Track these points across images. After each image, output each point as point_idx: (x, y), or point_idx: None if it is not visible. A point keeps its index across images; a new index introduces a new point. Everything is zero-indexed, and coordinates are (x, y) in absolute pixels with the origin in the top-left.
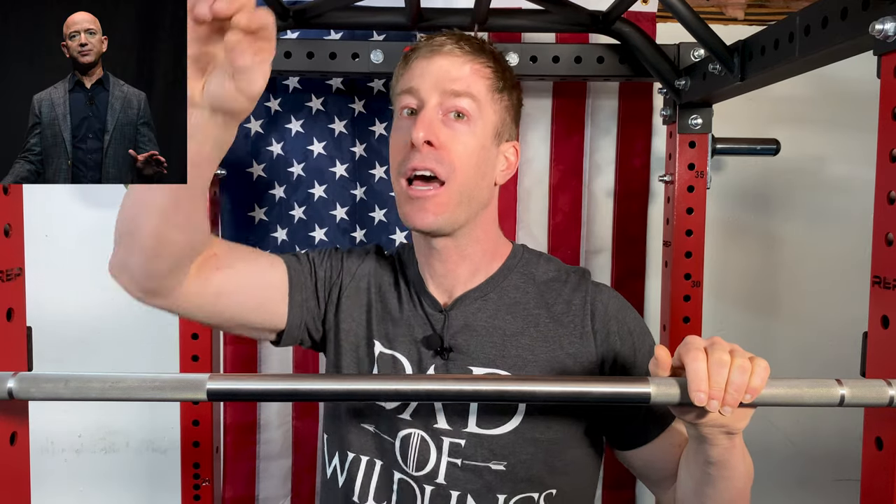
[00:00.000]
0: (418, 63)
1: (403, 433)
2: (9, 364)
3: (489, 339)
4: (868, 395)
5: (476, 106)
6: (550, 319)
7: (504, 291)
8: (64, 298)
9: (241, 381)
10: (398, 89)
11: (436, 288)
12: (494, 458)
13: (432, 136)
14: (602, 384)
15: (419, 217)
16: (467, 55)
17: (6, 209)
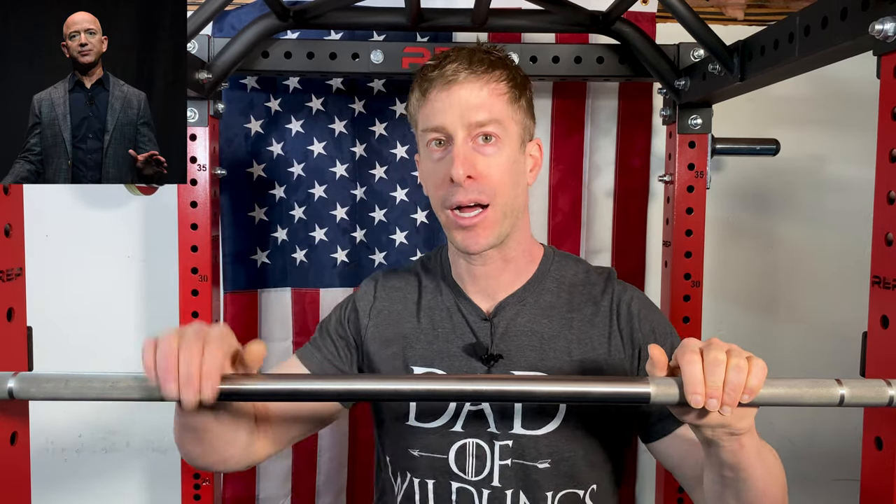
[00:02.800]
0: (437, 97)
1: (458, 445)
2: (9, 364)
3: (528, 343)
4: (868, 394)
5: (501, 127)
6: (582, 321)
7: (540, 295)
8: (64, 298)
9: (241, 381)
10: (422, 126)
11: (477, 293)
12: (540, 456)
13: (471, 170)
14: (602, 384)
15: (473, 242)
16: (482, 77)
17: (6, 209)
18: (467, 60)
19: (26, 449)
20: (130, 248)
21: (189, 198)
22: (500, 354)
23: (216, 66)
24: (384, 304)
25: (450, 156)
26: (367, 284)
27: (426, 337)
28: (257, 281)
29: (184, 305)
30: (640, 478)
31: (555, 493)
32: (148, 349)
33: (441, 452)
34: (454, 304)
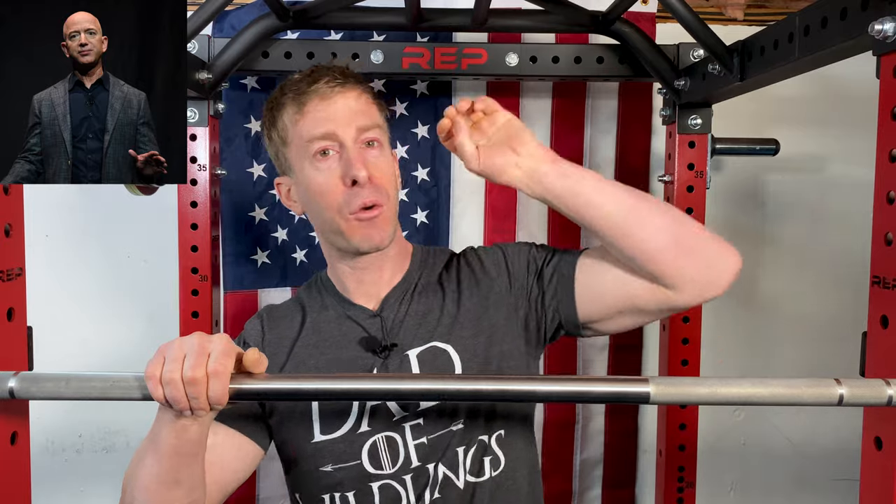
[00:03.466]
0: (319, 107)
1: (368, 444)
2: (9, 364)
3: (415, 323)
4: (867, 394)
5: (381, 132)
6: (451, 289)
7: (416, 283)
8: (64, 298)
9: (241, 381)
10: (306, 136)
11: (361, 296)
12: (453, 421)
13: (369, 171)
14: (602, 384)
15: (376, 237)
16: (356, 88)
17: (6, 209)
18: (340, 74)
19: (26, 449)
20: (130, 248)
21: (189, 198)
22: (393, 343)
23: (216, 66)
24: (273, 334)
25: (346, 160)
26: (254, 323)
27: (317, 350)
28: (257, 281)
29: (184, 305)
30: (639, 478)
31: (466, 448)
32: (154, 363)
33: (353, 458)
34: (342, 314)
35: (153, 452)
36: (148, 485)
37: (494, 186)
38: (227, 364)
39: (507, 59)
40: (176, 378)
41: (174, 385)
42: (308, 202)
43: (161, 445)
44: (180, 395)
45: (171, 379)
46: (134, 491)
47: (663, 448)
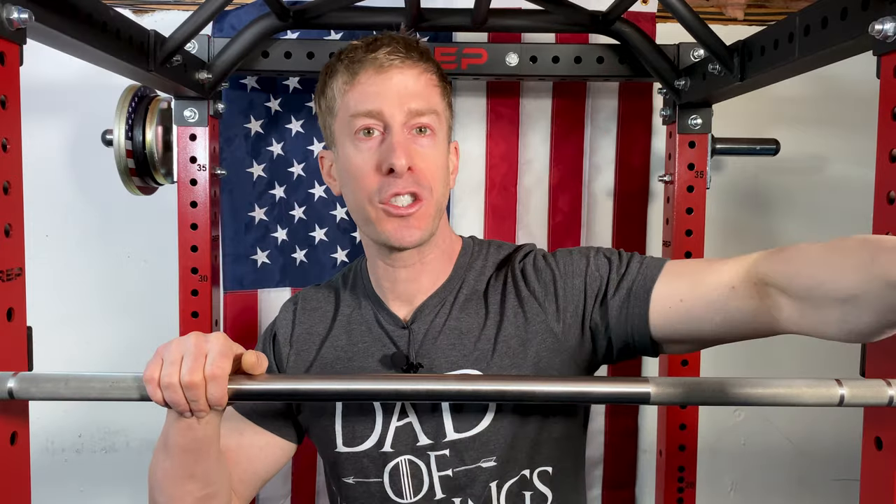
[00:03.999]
0: (371, 80)
1: (391, 466)
2: (9, 364)
3: (448, 343)
4: (867, 394)
5: (437, 119)
6: (495, 304)
7: (459, 291)
8: (64, 298)
9: (240, 381)
10: (351, 110)
11: (395, 300)
12: (482, 456)
13: (410, 160)
14: (602, 384)
15: (407, 234)
16: (418, 65)
17: (6, 209)
18: (403, 46)
19: (26, 449)
20: (130, 248)
21: (189, 198)
22: (419, 363)
23: (216, 66)
24: (303, 328)
25: (387, 145)
26: (287, 310)
27: (345, 355)
28: (257, 281)
29: (184, 305)
30: (639, 478)
31: (500, 483)
32: (151, 366)
33: (376, 476)
34: (373, 317)
35: (164, 450)
36: (162, 479)
37: (494, 186)
38: (225, 366)
39: (507, 59)
40: (174, 382)
41: (173, 389)
42: (344, 183)
43: (170, 444)
44: (179, 398)
45: (170, 383)
46: (153, 484)
47: (663, 448)
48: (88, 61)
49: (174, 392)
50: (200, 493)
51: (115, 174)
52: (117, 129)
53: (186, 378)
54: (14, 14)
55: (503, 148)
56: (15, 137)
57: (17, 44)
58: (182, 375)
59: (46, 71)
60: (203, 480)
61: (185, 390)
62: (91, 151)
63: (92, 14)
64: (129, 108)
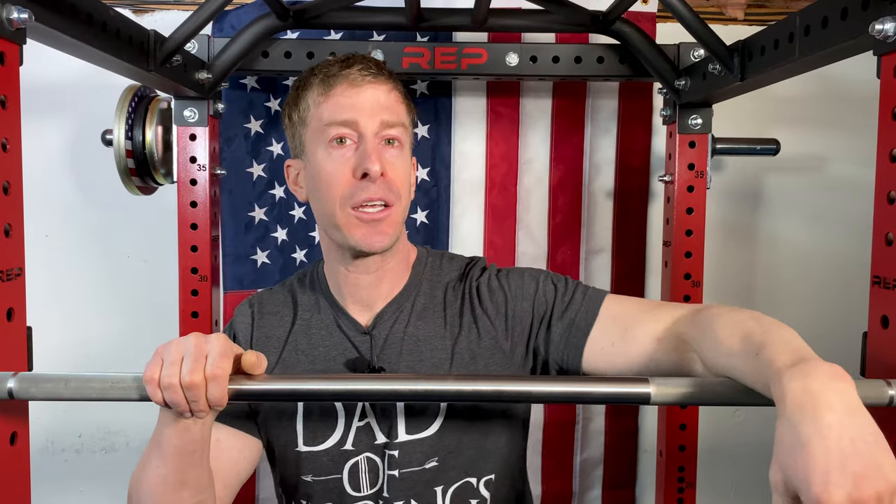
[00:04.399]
0: (346, 93)
1: (350, 463)
2: (9, 364)
3: (407, 349)
4: (868, 395)
5: (404, 132)
6: (453, 315)
7: (416, 299)
8: (64, 298)
9: (240, 381)
10: (326, 119)
11: (354, 304)
12: (426, 458)
13: (383, 166)
14: (602, 384)
15: (377, 239)
16: (388, 83)
17: (6, 209)
18: (374, 65)
19: (26, 449)
20: (130, 248)
21: (189, 198)
22: (381, 367)
23: (216, 65)
24: (262, 332)
25: (362, 152)
26: (244, 313)
27: (307, 358)
28: (257, 281)
29: (184, 305)
30: (640, 479)
31: (445, 488)
32: (151, 366)
33: (335, 473)
34: (333, 321)
35: (158, 454)
36: (154, 487)
37: (494, 186)
38: (225, 366)
39: (507, 58)
40: (174, 382)
41: (173, 390)
42: (313, 190)
43: (165, 447)
44: (180, 398)
45: (170, 384)
46: (140, 493)
47: (663, 448)
48: (88, 61)
49: (174, 392)
50: (192, 501)
51: (115, 174)
52: (117, 129)
53: (187, 378)
54: (14, 14)
55: (503, 148)
56: (15, 137)
57: (17, 44)
58: (182, 376)
59: (46, 71)
60: (195, 486)
61: (186, 390)
62: (91, 151)
63: (92, 14)
64: (129, 107)
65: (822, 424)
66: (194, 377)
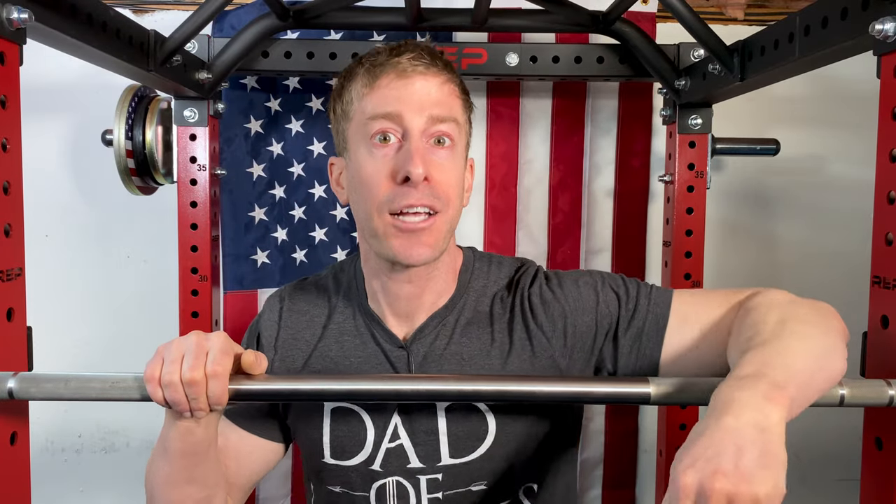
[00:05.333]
0: (392, 84)
1: (378, 484)
2: (9, 364)
3: (448, 367)
4: (868, 395)
5: (457, 129)
6: (502, 331)
7: (461, 312)
8: (64, 298)
9: (240, 381)
10: (369, 113)
11: (393, 317)
12: (473, 481)
13: (428, 170)
14: (602, 384)
15: (415, 251)
16: (441, 74)
17: (6, 209)
18: (427, 54)
19: (26, 449)
20: (130, 248)
21: (189, 198)
22: None
23: (216, 66)
24: (289, 332)
25: (404, 152)
26: (272, 309)
27: (336, 368)
28: (257, 281)
29: (184, 305)
30: (640, 479)
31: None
32: (152, 365)
33: (362, 490)
34: (368, 331)
35: (163, 454)
36: (161, 484)
37: (494, 186)
38: (226, 364)
39: (507, 58)
40: (175, 380)
41: (174, 387)
42: (353, 191)
43: (169, 448)
44: (180, 396)
45: (171, 381)
46: (152, 489)
47: (664, 448)
48: (88, 61)
49: (175, 390)
50: (199, 496)
51: (115, 174)
52: (117, 129)
53: (188, 375)
54: (14, 14)
55: (503, 148)
56: (15, 137)
57: (17, 44)
58: (183, 373)
59: (46, 71)
60: (202, 483)
61: (186, 387)
62: (91, 151)
63: (92, 14)
64: (129, 107)
65: (720, 424)
66: (195, 374)
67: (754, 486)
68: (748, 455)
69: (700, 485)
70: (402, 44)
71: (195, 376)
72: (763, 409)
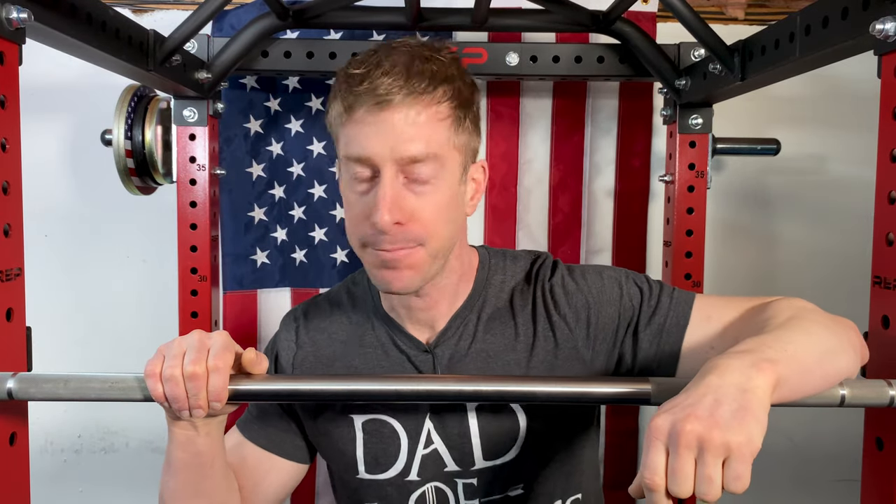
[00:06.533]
0: (364, 118)
1: (416, 494)
2: (9, 364)
3: (475, 367)
4: (868, 395)
5: (439, 163)
6: (525, 324)
7: (482, 309)
8: (64, 298)
9: (240, 381)
10: (344, 150)
11: (413, 324)
12: (510, 485)
13: (399, 214)
14: (602, 384)
15: (400, 282)
16: (421, 99)
17: (6, 209)
18: (404, 74)
19: (25, 449)
20: (130, 248)
21: (189, 198)
22: None
23: (215, 65)
24: (308, 350)
25: (373, 196)
26: (287, 330)
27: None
28: (257, 281)
29: (183, 305)
30: None
31: None
32: (153, 361)
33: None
34: (389, 339)
35: (167, 468)
36: (168, 499)
37: (494, 186)
38: (227, 359)
39: (507, 58)
40: (177, 374)
41: (174, 381)
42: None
43: (172, 461)
44: (180, 390)
45: (172, 375)
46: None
47: None
48: (88, 61)
49: (175, 384)
50: None
51: (115, 174)
52: (117, 129)
53: (189, 369)
54: (13, 14)
55: (503, 148)
56: (14, 137)
57: (16, 44)
58: (185, 366)
59: (46, 71)
60: (208, 497)
61: (187, 381)
62: (91, 151)
63: (91, 14)
64: (128, 107)
65: (703, 381)
66: (196, 368)
67: (727, 433)
68: (725, 407)
69: (672, 425)
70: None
71: (197, 370)
72: (748, 373)
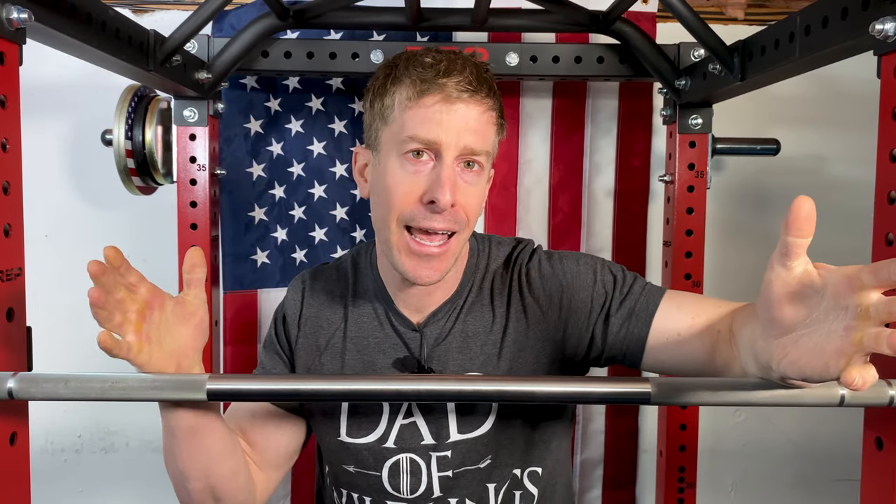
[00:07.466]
0: (437, 107)
1: (391, 461)
2: (9, 364)
3: (456, 346)
4: (868, 395)
5: (486, 157)
6: (502, 306)
7: (468, 294)
8: (64, 298)
9: (240, 381)
10: (407, 130)
11: (407, 307)
12: (481, 457)
13: (456, 196)
14: (602, 384)
15: (424, 274)
16: (483, 102)
17: (6, 209)
18: (475, 78)
19: (26, 449)
20: (130, 248)
21: (189, 198)
22: (430, 368)
23: (216, 65)
24: (312, 310)
25: (436, 175)
26: (294, 290)
27: (355, 347)
28: (257, 281)
29: None
30: (640, 479)
31: (499, 486)
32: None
33: (374, 469)
34: (385, 314)
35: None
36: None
37: (494, 186)
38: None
39: (507, 58)
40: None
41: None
42: (378, 191)
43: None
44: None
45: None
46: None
47: (664, 448)
48: (88, 61)
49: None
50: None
51: (115, 174)
52: (117, 129)
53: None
54: (14, 14)
55: (503, 148)
56: (15, 137)
57: (16, 44)
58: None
59: (46, 71)
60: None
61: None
62: (91, 151)
63: (91, 14)
64: (128, 107)
65: None
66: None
67: None
68: None
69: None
70: (452, 59)
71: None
72: None
